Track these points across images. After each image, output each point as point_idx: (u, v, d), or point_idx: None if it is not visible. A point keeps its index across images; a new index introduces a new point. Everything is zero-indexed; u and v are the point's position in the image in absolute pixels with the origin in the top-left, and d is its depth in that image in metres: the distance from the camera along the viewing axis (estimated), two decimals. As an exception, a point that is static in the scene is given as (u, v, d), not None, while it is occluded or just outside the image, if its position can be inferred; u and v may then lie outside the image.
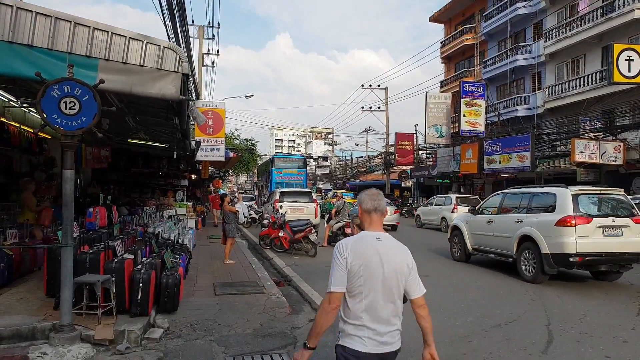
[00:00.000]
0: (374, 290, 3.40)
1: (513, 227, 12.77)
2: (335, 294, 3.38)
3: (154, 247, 9.68)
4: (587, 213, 11.39)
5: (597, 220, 11.27)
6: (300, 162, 39.54)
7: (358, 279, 3.37)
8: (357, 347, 3.38)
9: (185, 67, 6.76)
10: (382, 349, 3.42)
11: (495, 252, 13.68)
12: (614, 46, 22.81)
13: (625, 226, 11.42)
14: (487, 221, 14.16)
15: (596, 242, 11.12)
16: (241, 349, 6.61)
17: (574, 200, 11.43)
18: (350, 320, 3.43)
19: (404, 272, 3.54)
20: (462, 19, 44.89)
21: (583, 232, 11.07)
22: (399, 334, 3.58)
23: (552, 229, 11.45)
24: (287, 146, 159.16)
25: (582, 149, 25.18)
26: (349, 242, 3.51)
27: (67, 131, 6.08)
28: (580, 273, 13.18)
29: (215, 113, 20.06)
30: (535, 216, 12.28)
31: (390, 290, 3.46)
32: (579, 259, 10.99)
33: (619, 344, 7.10)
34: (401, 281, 3.53)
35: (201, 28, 30.19)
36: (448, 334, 7.50)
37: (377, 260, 3.41)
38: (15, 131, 12.82)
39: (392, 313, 3.51)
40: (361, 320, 3.40)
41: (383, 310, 3.45)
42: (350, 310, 3.42)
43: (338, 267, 3.40)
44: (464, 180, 39.68)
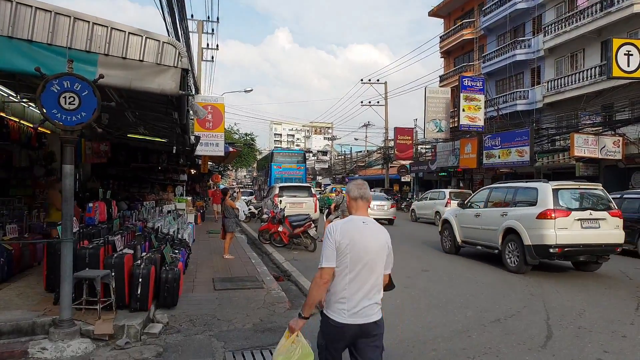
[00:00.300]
0: (358, 267, 3.81)
1: (498, 220, 13.33)
2: (326, 269, 3.78)
3: (154, 242, 9.67)
4: (566, 207, 12.03)
5: (575, 214, 11.92)
6: (300, 156, 39.54)
7: (344, 256, 3.79)
8: (337, 318, 3.81)
9: (185, 62, 6.74)
10: (360, 320, 3.82)
11: (482, 245, 14.22)
12: (613, 41, 22.79)
13: (602, 219, 12.07)
14: (474, 215, 14.74)
15: (574, 234, 11.77)
16: (241, 344, 6.62)
17: (554, 195, 12.08)
18: (334, 293, 3.84)
19: (384, 251, 3.98)
20: (461, 13, 44.85)
21: (562, 224, 11.72)
22: (379, 307, 3.96)
23: (533, 221, 12.07)
24: (286, 141, 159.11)
25: (581, 143, 25.19)
26: (338, 224, 3.95)
27: (67, 126, 6.08)
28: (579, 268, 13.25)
29: (215, 108, 20.05)
30: (519, 210, 12.89)
31: (372, 267, 3.87)
32: (558, 250, 11.65)
33: (617, 339, 7.11)
34: (382, 259, 3.96)
35: (200, 22, 30.14)
36: (447, 328, 7.52)
37: (362, 240, 3.84)
38: (15, 126, 12.80)
39: (373, 288, 3.89)
40: (343, 293, 3.81)
41: (364, 285, 3.84)
42: (335, 283, 3.83)
43: (328, 245, 3.83)
44: (463, 174, 39.68)
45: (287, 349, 3.90)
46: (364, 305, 3.82)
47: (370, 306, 3.86)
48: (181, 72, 6.74)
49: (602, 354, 6.44)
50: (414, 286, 10.69)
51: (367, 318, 3.85)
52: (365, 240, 3.86)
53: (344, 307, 3.80)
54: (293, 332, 3.90)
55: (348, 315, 3.79)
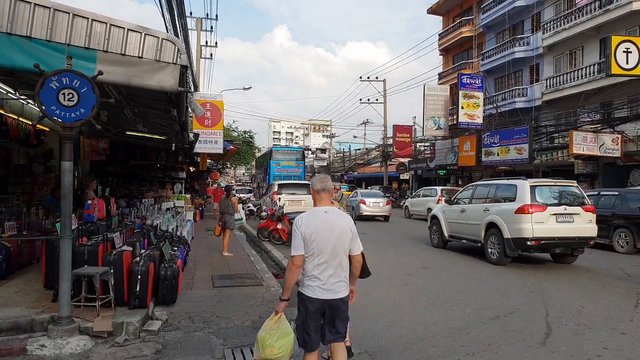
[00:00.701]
0: (324, 251, 4.48)
1: (481, 215, 14.20)
2: (296, 257, 4.50)
3: (153, 240, 9.67)
4: (542, 202, 12.83)
5: (551, 209, 12.75)
6: (299, 154, 39.51)
7: (311, 242, 4.47)
8: (309, 293, 4.52)
9: (184, 58, 6.73)
10: (328, 295, 4.50)
11: (467, 239, 15.12)
12: (612, 38, 22.77)
13: (576, 214, 12.93)
14: (460, 210, 15.58)
15: (550, 228, 12.60)
16: (240, 341, 6.61)
17: (532, 191, 12.94)
18: (306, 274, 4.56)
19: (348, 235, 4.61)
20: (460, 10, 44.83)
21: (538, 219, 12.55)
22: (345, 284, 4.62)
23: (512, 216, 12.91)
24: (285, 138, 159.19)
25: (580, 141, 25.20)
26: (303, 216, 4.64)
27: (66, 123, 6.07)
28: (577, 264, 13.27)
29: (214, 105, 20.01)
30: (500, 205, 13.78)
31: (336, 250, 4.53)
32: (535, 243, 12.48)
33: (617, 336, 7.12)
34: (346, 242, 4.59)
35: (199, 20, 30.12)
36: (447, 325, 7.53)
37: (325, 228, 4.50)
38: (14, 123, 12.78)
39: (339, 268, 4.56)
40: (313, 273, 4.51)
41: (330, 266, 4.51)
42: (306, 266, 4.54)
43: (296, 236, 4.53)
44: (462, 172, 39.69)
45: (270, 328, 4.63)
46: (332, 282, 4.52)
47: (337, 283, 4.55)
48: (180, 68, 6.72)
49: (602, 351, 6.45)
50: (413, 283, 10.70)
51: (335, 294, 4.54)
52: (328, 228, 4.51)
53: (315, 285, 4.50)
54: (277, 314, 4.66)
55: (319, 292, 4.50)
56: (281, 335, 4.58)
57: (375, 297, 9.35)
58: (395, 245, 17.18)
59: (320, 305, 4.50)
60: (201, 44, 30.53)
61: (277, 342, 4.57)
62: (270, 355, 4.57)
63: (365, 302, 8.91)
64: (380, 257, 14.23)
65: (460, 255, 14.80)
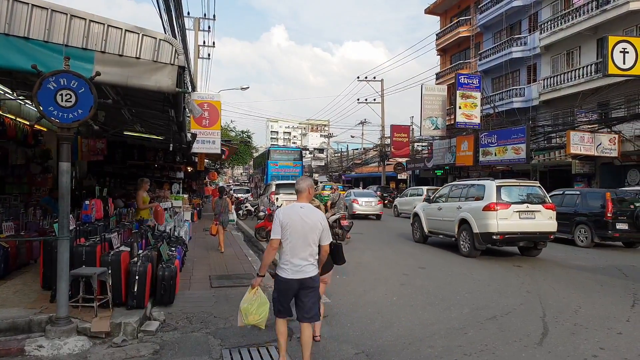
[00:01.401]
0: (295, 238, 5.37)
1: (455, 212, 15.51)
2: (274, 240, 5.44)
3: (150, 240, 9.67)
4: (507, 200, 14.14)
5: (514, 206, 14.02)
6: (296, 154, 39.53)
7: (286, 231, 5.38)
8: (283, 274, 5.41)
9: (182, 59, 6.75)
10: (299, 275, 5.37)
11: (443, 234, 16.52)
12: (609, 38, 22.71)
13: (537, 211, 14.19)
14: (438, 208, 16.89)
15: (513, 224, 13.90)
16: (237, 341, 6.62)
17: (498, 191, 14.27)
18: (281, 258, 5.46)
19: (318, 227, 5.48)
20: (457, 10, 44.91)
21: (503, 215, 13.84)
22: (313, 267, 5.48)
23: (480, 213, 14.19)
24: (282, 138, 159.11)
25: (577, 141, 25.26)
26: (283, 209, 5.76)
27: (64, 124, 6.07)
28: (577, 264, 13.32)
29: (211, 105, 19.99)
30: (470, 203, 15.08)
31: (306, 239, 5.40)
32: (500, 237, 13.83)
33: (613, 336, 7.14)
34: (316, 233, 5.46)
35: (197, 20, 30.11)
36: (444, 326, 7.54)
37: (299, 219, 5.41)
38: (11, 123, 12.77)
39: (308, 253, 5.42)
40: (287, 257, 5.39)
41: (301, 252, 5.38)
42: (282, 250, 5.43)
43: (275, 224, 5.47)
44: (459, 172, 39.73)
45: (249, 299, 5.57)
46: (302, 265, 5.37)
47: (307, 265, 5.41)
48: (178, 69, 6.74)
49: (598, 351, 6.47)
50: (411, 283, 10.72)
51: (306, 274, 5.40)
52: (301, 220, 5.41)
53: (288, 268, 5.38)
54: (254, 288, 5.60)
55: (291, 273, 5.37)
56: (260, 304, 5.56)
57: (372, 297, 9.37)
58: (392, 245, 17.22)
59: (292, 284, 5.40)
60: (199, 44, 30.54)
61: (257, 311, 5.55)
62: (252, 322, 5.58)
63: (362, 302, 8.94)
64: (377, 257, 14.27)
65: (459, 256, 14.79)
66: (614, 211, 17.02)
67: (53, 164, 16.07)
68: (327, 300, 8.87)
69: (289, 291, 5.45)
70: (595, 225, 17.35)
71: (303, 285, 5.41)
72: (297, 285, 5.39)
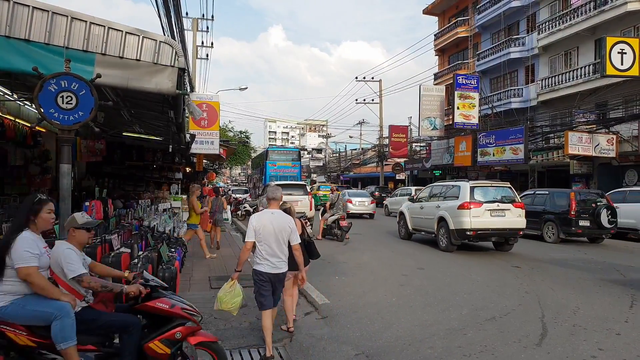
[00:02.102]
0: (269, 240, 6.33)
1: (434, 211, 16.77)
2: (248, 242, 6.38)
3: (150, 241, 9.69)
4: (479, 200, 15.40)
5: (486, 205, 15.30)
6: (295, 154, 39.48)
7: (259, 234, 6.32)
8: (260, 268, 6.37)
9: (182, 61, 6.77)
10: (273, 270, 6.37)
11: (425, 231, 17.80)
12: (607, 39, 22.90)
13: (507, 209, 15.49)
14: (420, 207, 18.19)
15: (485, 221, 15.14)
16: (238, 343, 6.67)
17: (471, 191, 15.55)
18: (258, 255, 6.40)
19: (286, 230, 6.44)
20: (455, 11, 44.94)
21: (476, 213, 15.09)
22: (284, 263, 6.47)
23: (456, 211, 15.44)
24: (281, 138, 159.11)
25: (575, 141, 25.32)
26: (256, 215, 6.61)
27: (64, 125, 6.08)
28: (574, 264, 13.35)
29: (210, 106, 20.03)
30: (447, 202, 16.38)
31: (278, 240, 6.37)
32: (473, 233, 15.06)
33: (612, 337, 7.17)
34: (285, 235, 6.43)
35: (195, 20, 30.14)
36: (443, 326, 7.57)
37: (270, 224, 6.36)
38: (10, 124, 12.77)
39: (280, 252, 6.40)
40: (263, 255, 6.35)
41: (274, 251, 6.35)
42: (258, 250, 6.37)
43: (249, 228, 6.38)
44: (457, 172, 39.78)
45: (226, 289, 6.36)
46: (275, 262, 6.36)
47: (279, 262, 6.40)
48: (178, 71, 6.76)
49: (597, 352, 6.50)
50: (410, 284, 10.75)
51: (278, 269, 6.41)
52: (272, 224, 6.35)
53: (264, 263, 6.34)
54: (232, 280, 6.39)
55: (268, 268, 6.34)
56: (234, 295, 6.33)
57: (372, 298, 9.40)
58: (390, 245, 17.27)
59: (268, 277, 6.35)
60: (197, 45, 30.56)
61: (231, 300, 6.32)
62: (225, 308, 6.36)
63: (362, 303, 8.97)
64: (376, 258, 14.31)
65: (457, 257, 14.83)
66: (577, 209, 18.50)
67: (52, 165, 16.06)
68: (326, 301, 8.90)
69: (266, 283, 6.38)
70: (561, 222, 18.86)
71: (276, 278, 6.45)
72: (272, 278, 6.38)
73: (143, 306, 4.87)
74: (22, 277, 4.31)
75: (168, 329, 4.80)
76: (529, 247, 17.44)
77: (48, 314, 4.26)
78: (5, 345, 4.15)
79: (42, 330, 4.31)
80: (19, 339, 4.20)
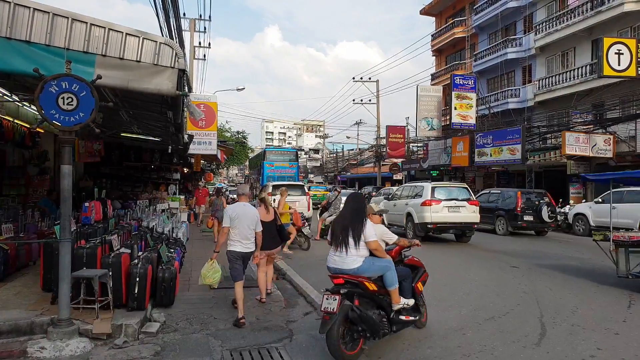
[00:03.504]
0: (241, 226, 7.84)
1: (404, 207, 19.59)
2: (225, 228, 7.84)
3: (149, 242, 9.70)
4: (439, 198, 18.00)
5: (444, 202, 17.83)
6: (292, 155, 39.48)
7: (233, 221, 7.78)
8: (234, 249, 7.86)
9: (182, 62, 6.80)
10: (244, 250, 7.93)
11: (396, 225, 19.92)
12: (604, 40, 23.00)
13: (463, 206, 18.02)
14: (393, 204, 20.75)
15: (443, 215, 17.72)
16: (238, 343, 6.67)
17: (432, 191, 18.27)
18: (232, 238, 7.87)
19: (254, 219, 8.01)
20: (452, 11, 44.97)
21: (435, 209, 17.64)
22: (252, 244, 8.02)
23: (419, 207, 18.19)
24: (278, 139, 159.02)
25: (572, 141, 25.37)
26: (230, 207, 8.09)
27: (65, 127, 6.10)
28: (572, 264, 13.38)
29: (208, 106, 20.08)
30: (413, 200, 19.10)
31: (248, 226, 7.92)
32: (433, 226, 17.72)
33: (610, 336, 7.21)
34: (252, 223, 7.98)
35: (193, 21, 30.10)
36: (442, 326, 7.59)
37: (242, 213, 7.87)
38: (9, 125, 12.78)
39: (249, 236, 7.98)
40: (236, 238, 7.85)
41: (245, 234, 7.91)
42: (232, 233, 7.84)
43: (226, 216, 7.86)
44: (455, 172, 39.83)
45: (208, 267, 7.86)
46: (245, 243, 7.91)
47: (249, 244, 7.96)
48: (178, 72, 6.78)
49: (595, 351, 6.53)
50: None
51: (248, 249, 7.97)
52: (243, 214, 7.88)
53: (237, 244, 7.86)
54: (212, 260, 7.87)
55: (239, 248, 7.87)
56: (214, 272, 7.85)
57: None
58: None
59: (240, 255, 7.90)
60: (194, 45, 30.54)
61: (212, 276, 7.84)
62: (208, 282, 7.88)
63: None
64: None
65: (455, 258, 14.86)
66: (522, 206, 21.54)
67: (50, 166, 16.08)
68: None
69: (239, 260, 7.91)
70: (509, 217, 21.91)
71: (247, 256, 8.08)
72: (243, 255, 7.95)
73: (411, 260, 7.49)
74: (371, 248, 6.47)
75: (422, 274, 7.42)
76: (483, 239, 19.92)
77: (384, 268, 6.49)
78: (361, 292, 6.30)
79: (378, 279, 6.50)
80: (370, 286, 6.33)
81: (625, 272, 10.51)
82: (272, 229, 9.06)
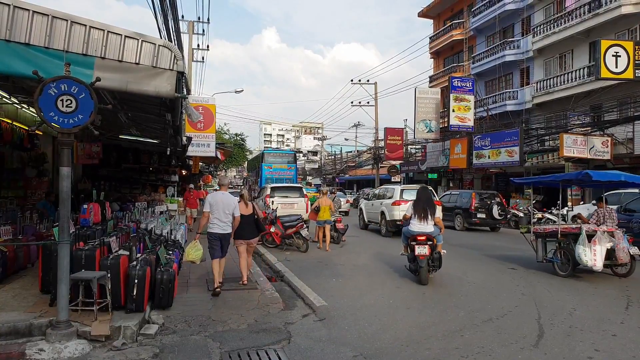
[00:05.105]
0: (219, 211, 9.39)
1: (379, 207, 22.39)
2: (205, 213, 9.44)
3: (148, 244, 9.72)
4: (406, 198, 19.88)
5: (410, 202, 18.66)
6: (290, 157, 39.52)
7: (212, 207, 9.39)
8: (213, 230, 9.44)
9: (181, 65, 6.81)
10: (222, 231, 9.48)
11: (374, 222, 23.44)
12: (601, 42, 23.03)
13: None
14: (371, 204, 23.79)
15: None
16: (236, 345, 6.68)
17: (401, 192, 21.23)
18: (211, 222, 9.42)
19: (231, 205, 9.52)
20: (450, 14, 45.04)
21: (404, 208, 17.66)
22: (229, 227, 9.56)
23: (390, 207, 21.00)
24: (276, 141, 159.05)
25: (570, 143, 25.40)
26: (210, 195, 9.77)
27: (64, 129, 6.12)
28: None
29: (206, 109, 20.07)
30: (387, 201, 21.77)
31: (225, 212, 9.44)
32: (400, 222, 17.49)
33: (608, 338, 7.22)
34: (230, 209, 9.51)
35: (191, 23, 30.14)
36: (440, 328, 7.60)
37: (221, 201, 9.43)
38: (7, 127, 12.78)
39: (226, 220, 9.49)
40: (214, 222, 9.42)
41: (223, 218, 9.45)
42: (211, 218, 9.44)
43: (207, 203, 9.48)
44: (453, 174, 39.86)
45: (191, 246, 9.43)
46: (223, 226, 9.45)
47: (225, 226, 9.50)
48: (177, 74, 6.80)
49: (593, 353, 6.55)
50: (406, 286, 10.79)
51: (224, 231, 9.51)
52: (222, 201, 9.43)
53: (215, 226, 9.41)
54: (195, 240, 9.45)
55: (217, 229, 9.40)
56: (196, 250, 9.35)
57: (369, 300, 9.43)
58: (385, 247, 17.30)
59: (218, 236, 9.45)
60: (193, 47, 30.56)
61: (194, 253, 9.33)
62: (190, 259, 9.36)
63: (359, 305, 9.00)
64: (373, 260, 14.35)
65: (453, 259, 14.88)
66: (476, 205, 24.67)
67: (48, 167, 16.08)
68: (324, 303, 8.94)
69: (216, 240, 9.44)
70: (465, 215, 25.18)
71: (224, 238, 9.58)
72: (220, 237, 9.46)
73: None
74: (437, 221, 11.04)
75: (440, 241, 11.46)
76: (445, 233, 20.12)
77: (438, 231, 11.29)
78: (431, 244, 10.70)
79: None
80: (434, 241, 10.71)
81: (542, 257, 12.82)
82: (250, 221, 10.45)
